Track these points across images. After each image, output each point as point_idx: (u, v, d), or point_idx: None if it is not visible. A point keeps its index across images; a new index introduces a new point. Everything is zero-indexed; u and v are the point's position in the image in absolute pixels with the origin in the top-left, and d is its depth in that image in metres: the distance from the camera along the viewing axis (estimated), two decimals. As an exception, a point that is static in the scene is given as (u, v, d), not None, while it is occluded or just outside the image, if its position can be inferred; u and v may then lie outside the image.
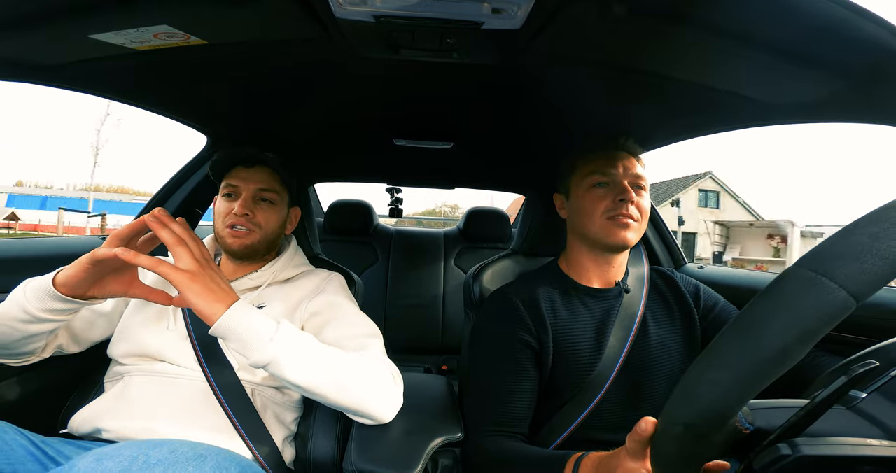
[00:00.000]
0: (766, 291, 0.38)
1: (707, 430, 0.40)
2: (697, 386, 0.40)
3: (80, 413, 0.86)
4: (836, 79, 0.72)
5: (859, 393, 0.49)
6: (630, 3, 0.61)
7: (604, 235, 0.92)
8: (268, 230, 1.03)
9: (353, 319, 0.98)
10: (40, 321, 0.78)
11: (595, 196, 0.94)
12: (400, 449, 0.81)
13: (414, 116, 1.24)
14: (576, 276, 1.00)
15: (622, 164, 0.94)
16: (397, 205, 2.56)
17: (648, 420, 0.49)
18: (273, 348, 0.72)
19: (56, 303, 0.77)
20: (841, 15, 0.55)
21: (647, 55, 0.78)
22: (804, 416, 0.42)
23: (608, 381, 0.89)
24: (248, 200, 1.00)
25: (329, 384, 0.77)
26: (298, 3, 0.65)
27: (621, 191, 0.91)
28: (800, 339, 0.35)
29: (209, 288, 0.72)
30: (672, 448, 0.44)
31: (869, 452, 0.41)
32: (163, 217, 0.74)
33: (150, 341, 0.91)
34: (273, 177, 1.04)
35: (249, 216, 0.99)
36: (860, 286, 0.34)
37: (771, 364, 0.36)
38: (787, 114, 0.90)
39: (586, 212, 0.94)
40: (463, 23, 0.67)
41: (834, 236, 0.37)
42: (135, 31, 0.71)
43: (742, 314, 0.39)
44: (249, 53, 0.84)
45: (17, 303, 0.78)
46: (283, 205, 1.07)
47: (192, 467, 0.57)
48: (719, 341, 0.40)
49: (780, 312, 0.36)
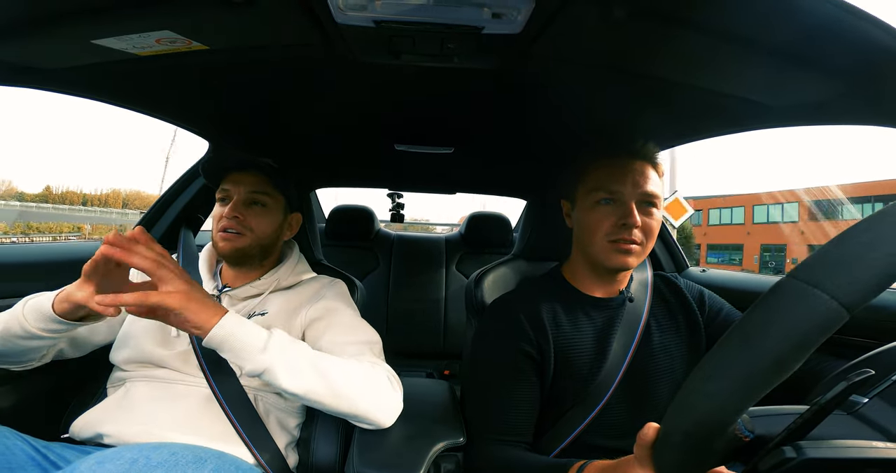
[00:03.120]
0: (760, 302, 0.39)
1: (705, 439, 0.40)
2: (694, 396, 0.40)
3: (82, 419, 0.86)
4: (838, 82, 0.72)
5: (861, 398, 0.49)
6: (630, 6, 0.61)
7: (603, 258, 0.89)
8: (259, 234, 1.01)
9: (352, 325, 0.98)
10: (38, 338, 0.80)
11: (599, 214, 0.89)
12: (402, 454, 0.81)
13: (414, 121, 1.24)
14: (579, 285, 0.98)
15: (632, 180, 0.87)
16: (399, 210, 2.56)
17: (651, 426, 0.49)
18: (265, 357, 0.73)
19: (54, 325, 0.78)
20: (841, 17, 0.56)
21: (647, 59, 0.78)
22: (805, 422, 0.42)
23: (611, 388, 0.88)
24: (239, 203, 1.00)
25: (324, 391, 0.77)
26: (299, 9, 0.65)
27: (626, 213, 0.86)
28: (794, 350, 0.36)
29: (203, 303, 0.71)
30: (673, 456, 0.44)
31: (874, 454, 0.41)
32: (120, 242, 0.67)
33: (152, 348, 0.91)
34: (265, 181, 1.03)
35: (240, 219, 0.98)
36: (852, 296, 0.34)
37: (766, 374, 0.37)
38: (789, 117, 0.90)
39: (589, 230, 0.90)
40: (463, 27, 0.67)
41: (827, 245, 0.37)
42: (137, 36, 0.71)
43: (737, 325, 0.40)
44: (251, 59, 0.85)
45: (17, 320, 0.79)
46: (276, 209, 1.06)
47: (192, 470, 0.58)
48: (716, 351, 0.40)
49: (773, 324, 0.37)
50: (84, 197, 38.87)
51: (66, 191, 39.32)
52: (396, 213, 2.57)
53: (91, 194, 40.32)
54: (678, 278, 1.06)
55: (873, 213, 0.37)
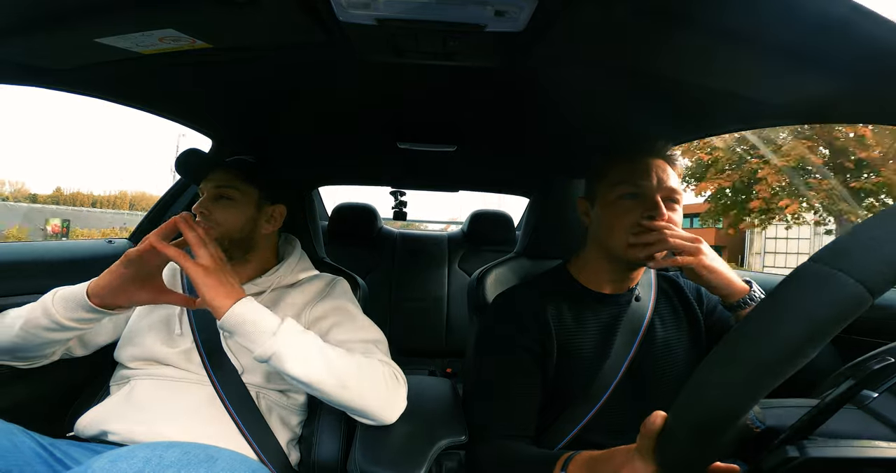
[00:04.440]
0: (780, 288, 0.37)
1: (717, 428, 0.39)
2: (708, 385, 0.39)
3: (87, 416, 0.87)
4: (843, 80, 0.71)
5: (871, 392, 0.49)
6: (632, 5, 0.61)
7: (625, 252, 0.87)
8: (227, 227, 0.99)
9: (357, 323, 0.98)
10: (64, 329, 0.82)
11: (622, 208, 0.87)
12: (404, 452, 0.81)
13: (417, 119, 1.24)
14: (586, 281, 0.97)
15: (656, 175, 0.86)
16: (401, 208, 2.56)
17: (658, 414, 0.47)
18: (275, 342, 0.74)
19: (85, 313, 0.81)
20: (846, 15, 0.55)
21: (650, 57, 0.77)
22: (815, 415, 0.41)
23: (612, 385, 0.88)
24: (206, 200, 1.00)
25: (331, 381, 0.78)
26: (302, 8, 0.65)
27: (652, 205, 0.84)
28: (815, 336, 0.34)
29: (221, 283, 0.77)
30: (679, 446, 0.43)
31: (877, 453, 0.41)
32: (190, 220, 0.81)
33: (157, 346, 0.92)
34: (233, 177, 1.02)
35: (206, 214, 0.98)
36: (877, 279, 0.33)
37: (785, 360, 0.35)
38: (794, 115, 0.90)
39: (611, 225, 0.89)
40: (466, 26, 0.67)
41: (853, 229, 0.36)
42: (140, 35, 0.71)
43: (754, 311, 0.39)
44: (254, 57, 0.85)
45: (44, 311, 0.81)
46: (246, 202, 1.03)
47: (204, 468, 0.58)
48: (731, 339, 0.39)
49: (794, 309, 0.36)
50: (94, 198, 39.02)
51: (75, 193, 39.51)
52: (399, 211, 2.57)
53: (100, 196, 40.51)
54: (678, 276, 1.06)
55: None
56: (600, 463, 0.60)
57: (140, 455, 0.57)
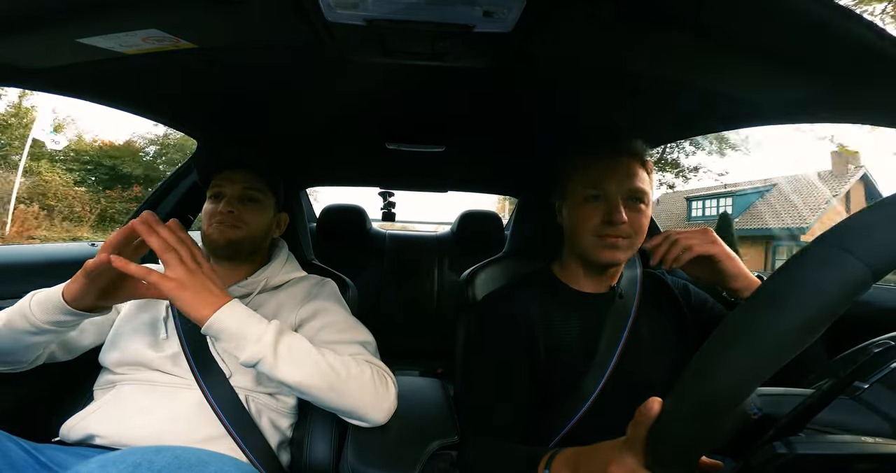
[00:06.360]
0: (786, 266, 0.38)
1: (718, 412, 0.39)
2: (713, 364, 0.39)
3: (72, 420, 0.85)
4: (825, 80, 0.73)
5: (862, 383, 0.49)
6: (619, 5, 0.61)
7: (591, 252, 0.89)
8: (253, 229, 1.01)
9: (345, 325, 0.97)
10: (43, 332, 0.79)
11: (586, 210, 0.89)
12: (396, 453, 0.81)
13: (406, 119, 1.24)
14: (568, 281, 0.99)
15: (619, 177, 0.88)
16: (390, 208, 2.55)
17: (654, 400, 0.46)
18: (261, 346, 0.73)
19: (63, 316, 0.78)
20: (827, 16, 0.56)
21: (636, 56, 0.78)
22: (810, 405, 0.42)
23: (599, 385, 0.89)
24: (234, 199, 0.99)
25: (320, 384, 0.77)
26: (289, 7, 0.64)
27: (612, 210, 0.86)
28: (822, 314, 0.35)
29: (198, 295, 0.72)
30: (676, 431, 0.43)
31: (865, 449, 0.41)
32: (151, 222, 0.73)
33: (143, 350, 0.90)
34: (258, 178, 1.03)
35: (235, 213, 0.98)
36: (879, 259, 0.34)
37: (793, 338, 0.35)
38: (777, 115, 0.91)
39: (577, 226, 0.91)
40: (454, 26, 0.67)
41: (861, 211, 0.37)
42: (123, 34, 0.70)
43: (759, 290, 0.39)
44: (239, 57, 0.84)
45: (22, 315, 0.79)
46: (269, 206, 1.06)
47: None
48: (736, 317, 0.39)
49: (801, 286, 0.36)
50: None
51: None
52: (388, 212, 2.56)
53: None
54: (665, 274, 1.07)
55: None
56: (584, 458, 0.59)
57: (130, 460, 0.56)
